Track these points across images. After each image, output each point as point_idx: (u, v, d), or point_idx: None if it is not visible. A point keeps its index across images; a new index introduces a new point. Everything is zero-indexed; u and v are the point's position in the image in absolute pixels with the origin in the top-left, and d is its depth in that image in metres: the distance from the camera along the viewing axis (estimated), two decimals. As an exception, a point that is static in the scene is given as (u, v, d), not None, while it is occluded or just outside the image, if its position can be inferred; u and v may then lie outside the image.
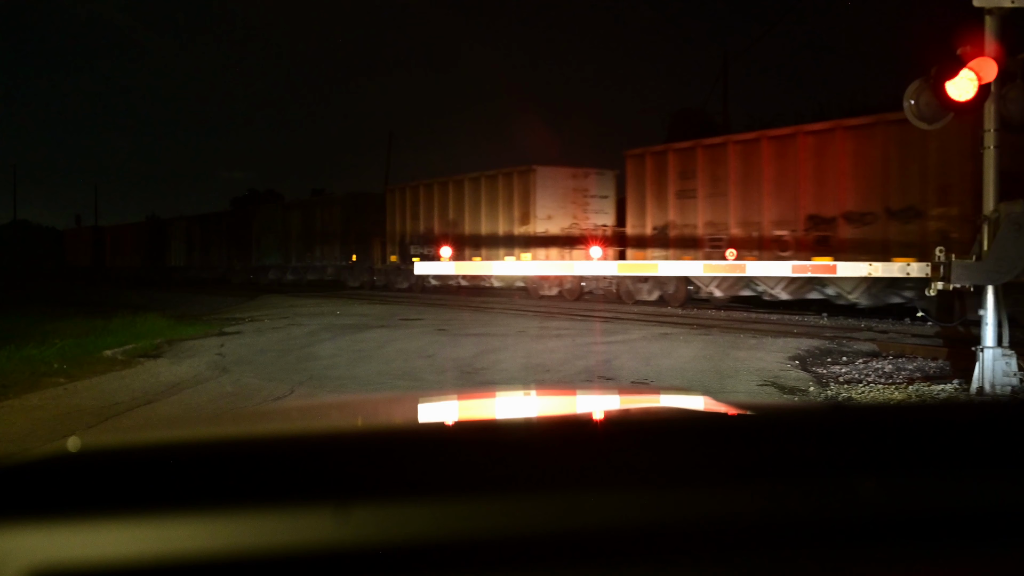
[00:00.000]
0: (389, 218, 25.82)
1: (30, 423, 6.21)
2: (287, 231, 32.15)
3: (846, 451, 0.92)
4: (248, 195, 50.73)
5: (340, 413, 1.77)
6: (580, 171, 21.21)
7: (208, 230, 38.36)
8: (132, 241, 45.61)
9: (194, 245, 39.43)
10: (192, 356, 10.11)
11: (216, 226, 37.89)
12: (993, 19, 6.61)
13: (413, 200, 24.73)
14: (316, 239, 30.36)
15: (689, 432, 1.06)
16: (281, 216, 32.89)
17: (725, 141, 16.72)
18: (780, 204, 15.35)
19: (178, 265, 40.34)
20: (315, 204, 31.39)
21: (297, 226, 31.61)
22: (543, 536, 0.76)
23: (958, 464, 0.88)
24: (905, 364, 8.93)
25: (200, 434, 1.34)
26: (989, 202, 6.81)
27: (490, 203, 21.95)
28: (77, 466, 0.87)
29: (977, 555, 0.78)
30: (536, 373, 8.87)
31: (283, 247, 32.35)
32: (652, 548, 0.76)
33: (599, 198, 21.17)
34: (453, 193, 23.17)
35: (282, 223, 32.55)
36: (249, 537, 0.73)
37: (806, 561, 0.77)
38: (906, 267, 7.52)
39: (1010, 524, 0.81)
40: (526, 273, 20.73)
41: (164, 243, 41.79)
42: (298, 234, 31.56)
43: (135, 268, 43.81)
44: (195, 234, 39.46)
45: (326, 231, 29.85)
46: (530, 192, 20.80)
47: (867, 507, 0.80)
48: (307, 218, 31.07)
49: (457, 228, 22.91)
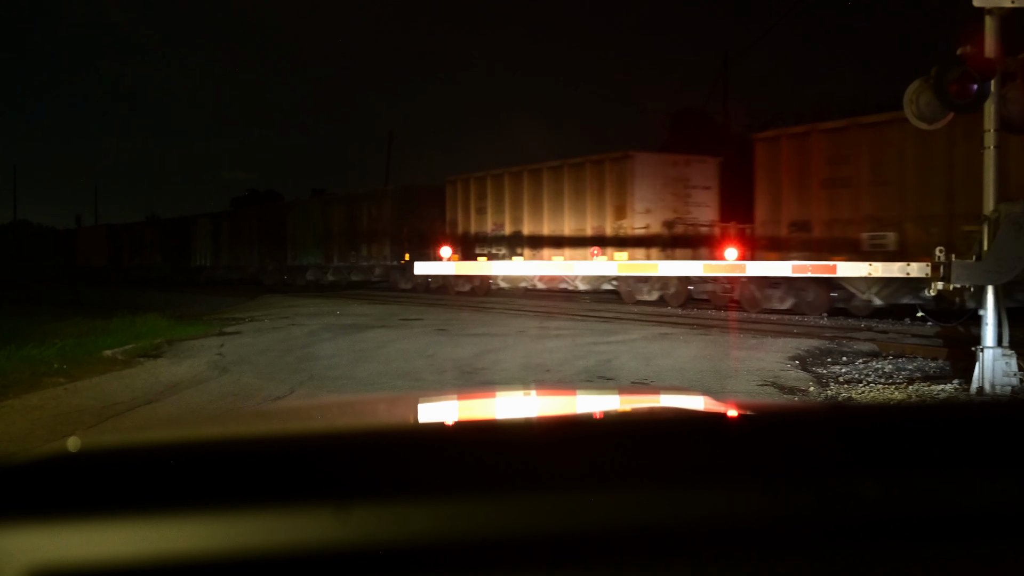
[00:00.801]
0: (450, 213, 22.99)
1: (30, 423, 6.21)
2: (328, 228, 29.22)
3: (846, 451, 0.92)
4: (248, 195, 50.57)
5: (340, 413, 1.77)
6: (680, 158, 18.73)
7: (236, 228, 35.48)
8: (152, 240, 42.85)
9: (221, 244, 36.45)
10: (192, 356, 10.11)
11: (245, 223, 35.05)
12: (993, 19, 6.62)
13: (479, 192, 21.94)
14: (362, 236, 27.38)
15: (689, 432, 1.06)
16: (321, 211, 29.96)
17: (892, 118, 12.99)
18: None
19: (203, 265, 37.56)
20: (361, 198, 28.18)
21: (340, 222, 28.64)
22: (543, 536, 0.76)
23: (958, 464, 0.88)
24: (905, 364, 8.94)
25: (200, 434, 1.34)
26: (989, 202, 6.81)
27: (575, 195, 19.27)
28: (77, 466, 0.87)
29: (977, 555, 0.78)
30: (536, 373, 8.87)
31: (323, 245, 29.41)
32: (652, 548, 0.76)
33: (701, 189, 18.51)
34: (529, 184, 20.54)
35: (322, 219, 29.64)
36: (249, 537, 0.73)
37: (806, 561, 0.77)
38: (906, 267, 7.51)
39: (1010, 524, 0.81)
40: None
41: (187, 242, 38.93)
42: (341, 231, 28.60)
43: (155, 268, 41.50)
44: (222, 232, 36.47)
45: (374, 228, 26.92)
46: (626, 182, 18.10)
47: (867, 507, 0.80)
48: (352, 213, 28.08)
49: (534, 224, 20.35)
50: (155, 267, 41.69)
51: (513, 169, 21.08)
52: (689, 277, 16.65)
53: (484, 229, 21.70)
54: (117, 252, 45.53)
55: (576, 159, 19.57)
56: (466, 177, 22.60)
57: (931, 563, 0.78)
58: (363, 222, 27.58)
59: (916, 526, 0.80)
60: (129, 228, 46.45)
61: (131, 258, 44.45)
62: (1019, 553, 0.79)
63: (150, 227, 44.36)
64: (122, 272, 43.82)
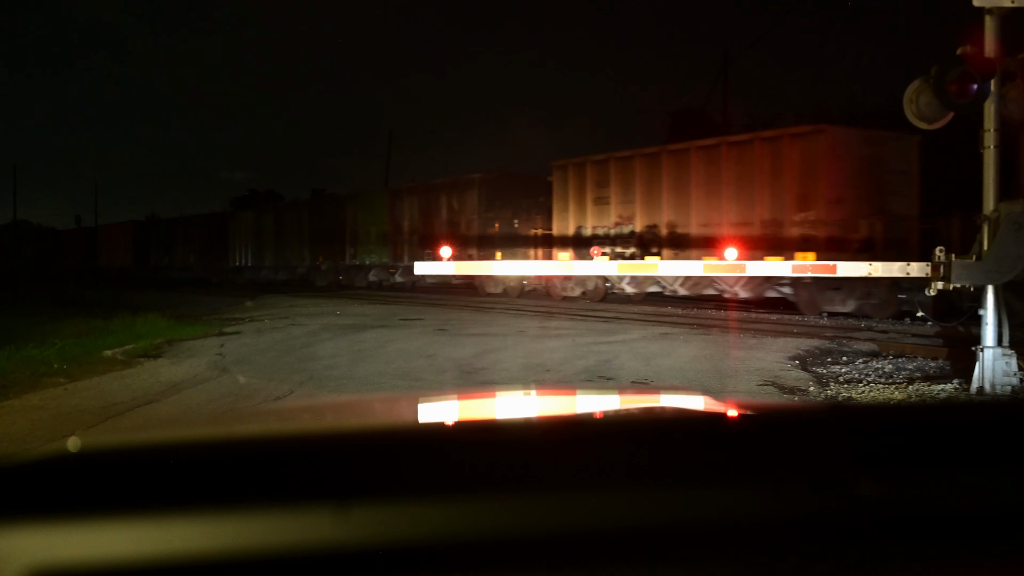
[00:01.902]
0: (557, 203, 19.39)
1: (30, 423, 6.21)
2: (397, 222, 25.81)
3: (846, 451, 0.92)
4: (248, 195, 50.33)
5: (340, 413, 1.77)
6: (875, 134, 14.91)
7: (283, 223, 31.86)
8: (183, 237, 39.47)
9: (264, 241, 32.88)
10: (192, 356, 10.11)
11: (294, 218, 31.33)
12: (993, 19, 6.62)
13: (599, 179, 18.25)
14: (441, 232, 23.45)
15: (689, 432, 1.06)
16: (389, 203, 26.37)
17: None
18: None
19: (242, 264, 34.12)
20: (439, 188, 24.42)
21: (413, 215, 25.23)
22: (543, 536, 0.76)
23: (958, 464, 0.88)
24: (905, 364, 8.93)
25: (200, 434, 1.34)
26: (989, 202, 6.81)
27: (740, 181, 15.45)
28: (77, 466, 0.87)
29: (977, 555, 0.78)
30: (536, 373, 8.87)
31: (392, 242, 25.86)
32: (652, 548, 0.76)
33: (898, 174, 14.72)
34: (670, 168, 16.74)
35: (390, 212, 26.21)
36: (249, 537, 0.73)
37: (806, 561, 0.77)
38: (906, 267, 7.51)
39: (1010, 524, 0.81)
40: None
41: (223, 239, 35.43)
42: (413, 225, 25.15)
43: (187, 268, 38.46)
44: (265, 228, 32.96)
45: (456, 221, 23.44)
46: (815, 164, 14.41)
47: (867, 507, 0.80)
48: (428, 206, 24.65)
49: (677, 216, 16.63)
50: (187, 267, 38.70)
51: (647, 151, 17.59)
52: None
53: (604, 223, 18.19)
54: (143, 251, 42.60)
55: (741, 136, 16.51)
56: (580, 161, 18.85)
57: (931, 563, 0.78)
58: (441, 215, 24.13)
59: (916, 526, 0.80)
60: (157, 225, 43.36)
61: (159, 257, 41.49)
62: (1019, 553, 0.79)
63: (181, 224, 40.69)
64: (149, 272, 41.09)
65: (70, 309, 17.29)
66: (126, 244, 44.11)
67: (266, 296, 23.77)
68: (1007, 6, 6.58)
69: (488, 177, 23.22)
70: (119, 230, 46.22)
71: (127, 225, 45.84)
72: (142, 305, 16.87)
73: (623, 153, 18.12)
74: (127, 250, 43.87)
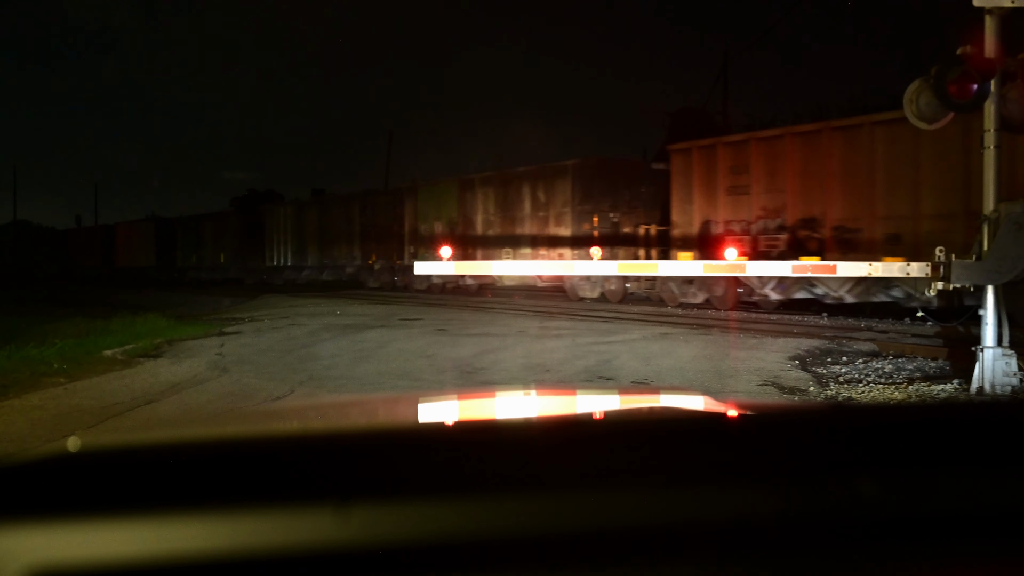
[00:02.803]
0: (678, 195, 16.60)
1: (30, 423, 6.21)
2: (469, 218, 22.85)
3: (846, 451, 0.92)
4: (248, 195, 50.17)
5: (340, 413, 1.77)
6: None
7: (329, 218, 28.82)
8: (212, 235, 36.49)
9: (306, 238, 30.00)
10: (192, 356, 10.11)
11: (342, 212, 28.34)
12: (993, 19, 6.62)
13: (733, 164, 15.38)
14: (523, 228, 20.79)
15: (689, 432, 1.06)
16: (457, 196, 23.21)
17: None
18: None
19: (281, 264, 31.50)
20: (525, 177, 21.08)
21: (488, 210, 22.16)
22: (543, 536, 0.76)
23: (958, 464, 0.88)
24: (905, 364, 8.94)
25: (200, 434, 1.34)
26: (989, 202, 6.81)
27: (936, 160, 12.31)
28: (77, 466, 0.87)
29: (977, 555, 0.78)
30: (536, 373, 8.87)
31: (461, 240, 22.48)
32: (652, 548, 0.76)
33: None
34: (842, 147, 13.74)
35: (459, 204, 23.16)
36: (249, 537, 0.73)
37: (806, 561, 0.77)
38: (906, 267, 7.51)
39: (1010, 524, 0.81)
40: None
41: (259, 237, 32.51)
42: (489, 220, 22.08)
43: (217, 268, 35.52)
44: (308, 224, 29.81)
45: (543, 216, 20.38)
46: None
47: (868, 507, 0.80)
48: (507, 197, 21.48)
49: (850, 209, 13.69)
50: (217, 267, 35.78)
51: (802, 128, 14.79)
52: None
53: (742, 216, 15.40)
54: (167, 250, 39.59)
55: None
56: (709, 144, 16.09)
57: (931, 563, 0.78)
58: (523, 208, 21.00)
59: (916, 526, 0.80)
60: (183, 222, 40.23)
61: (186, 256, 38.51)
62: (1019, 553, 0.79)
63: (210, 220, 37.69)
64: (174, 273, 38.37)
65: (70, 309, 17.30)
66: (147, 243, 41.26)
67: (266, 296, 23.76)
68: (1007, 6, 6.58)
69: (584, 164, 19.76)
70: (140, 228, 43.25)
71: (148, 222, 42.67)
72: (142, 305, 16.87)
73: (768, 132, 15.37)
74: (149, 249, 41.09)
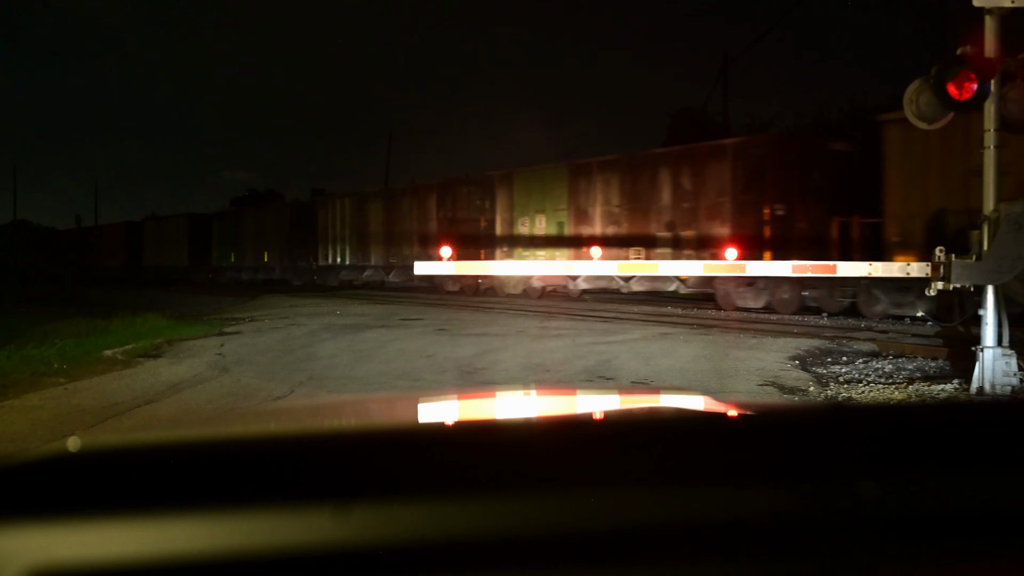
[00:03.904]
0: (893, 175, 13.61)
1: (30, 423, 6.21)
2: (583, 210, 19.27)
3: (846, 451, 0.92)
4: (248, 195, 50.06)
5: (340, 413, 1.77)
6: None
7: (397, 212, 25.40)
8: (256, 231, 33.25)
9: (370, 235, 26.53)
10: (192, 356, 10.11)
11: (414, 205, 24.85)
12: (993, 19, 6.62)
13: (938, 147, 12.36)
14: (663, 223, 17.54)
15: (689, 432, 1.06)
16: (568, 184, 19.58)
17: None
18: None
19: (336, 263, 28.23)
20: (664, 161, 17.76)
21: (610, 200, 18.67)
22: (543, 536, 0.76)
23: (958, 464, 0.88)
24: (905, 364, 8.94)
25: (200, 434, 1.34)
26: (989, 202, 6.81)
27: None
28: (77, 466, 0.87)
29: (977, 555, 0.78)
30: (536, 373, 8.87)
31: (573, 239, 19.36)
32: (652, 548, 0.76)
33: None
34: None
35: (570, 197, 19.49)
36: (249, 537, 0.73)
37: (806, 561, 0.77)
38: (906, 267, 7.51)
39: (1010, 524, 0.81)
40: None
41: (311, 232, 29.26)
42: (611, 213, 18.70)
43: (260, 268, 32.87)
44: (372, 219, 26.43)
45: (689, 208, 17.04)
46: None
47: (867, 507, 0.80)
48: (638, 184, 18.08)
49: None
50: (260, 266, 32.90)
51: None
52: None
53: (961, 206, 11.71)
54: (202, 248, 36.62)
55: None
56: None
57: (931, 563, 0.78)
58: (661, 197, 17.64)
59: (916, 526, 0.80)
60: (221, 217, 37.54)
61: (222, 255, 35.59)
62: (1019, 553, 0.79)
63: (252, 214, 34.75)
64: (209, 273, 35.75)
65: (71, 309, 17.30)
66: (179, 240, 38.25)
67: (266, 296, 23.76)
68: (1007, 6, 6.58)
69: (749, 143, 16.80)
70: (170, 225, 40.28)
71: (181, 218, 39.37)
72: (142, 305, 16.87)
73: None
74: (180, 247, 38.05)
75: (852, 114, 24.20)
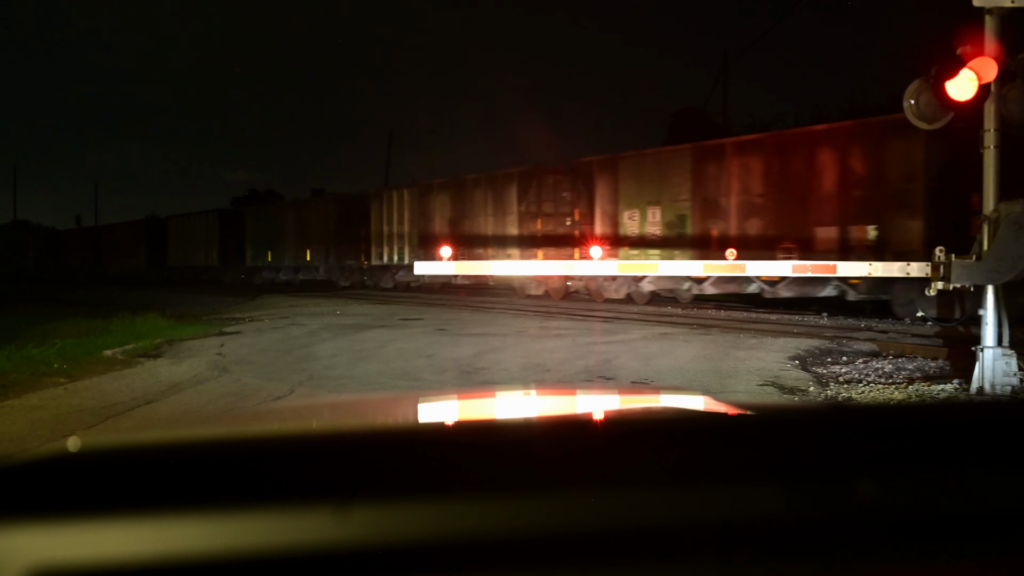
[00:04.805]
0: None
1: (30, 423, 6.21)
2: (712, 200, 16.35)
3: (846, 451, 0.92)
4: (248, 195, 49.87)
5: (340, 413, 1.77)
6: None
7: (473, 205, 22.29)
8: (296, 227, 30.16)
9: (434, 231, 23.29)
10: (192, 356, 10.10)
11: (492, 196, 21.69)
12: (993, 19, 6.61)
13: None
14: (823, 214, 14.49)
15: (689, 432, 1.06)
16: (691, 169, 16.54)
17: None
18: None
19: (390, 262, 25.13)
20: (821, 139, 14.90)
21: (751, 188, 15.75)
22: (543, 536, 0.76)
23: (958, 464, 0.88)
24: (905, 364, 8.93)
25: (200, 434, 1.34)
26: (989, 202, 6.81)
27: None
28: (77, 466, 0.87)
29: (977, 555, 0.78)
30: (536, 373, 8.87)
31: (695, 239, 16.49)
32: (652, 548, 0.76)
33: None
34: None
35: (693, 184, 16.48)
36: (249, 537, 0.73)
37: (806, 561, 0.77)
38: (906, 267, 7.51)
39: (1010, 524, 0.81)
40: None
41: (363, 228, 26.14)
42: (750, 204, 15.78)
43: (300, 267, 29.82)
44: (436, 212, 23.45)
45: (860, 196, 14.02)
46: None
47: (867, 507, 0.80)
48: (788, 168, 15.23)
49: None
50: (300, 266, 30.02)
51: None
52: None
53: None
54: (233, 246, 33.34)
55: None
56: None
57: (931, 563, 0.78)
58: (819, 184, 14.61)
59: (916, 526, 0.80)
60: (255, 213, 33.91)
61: (257, 254, 32.37)
62: (1019, 553, 0.79)
63: (293, 209, 31.51)
64: (240, 273, 32.50)
65: (70, 309, 17.30)
66: (207, 238, 35.25)
67: (265, 296, 23.73)
68: (1007, 6, 6.58)
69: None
70: (198, 221, 36.92)
71: (210, 214, 36.31)
72: (142, 305, 16.87)
73: None
74: (209, 246, 35.08)
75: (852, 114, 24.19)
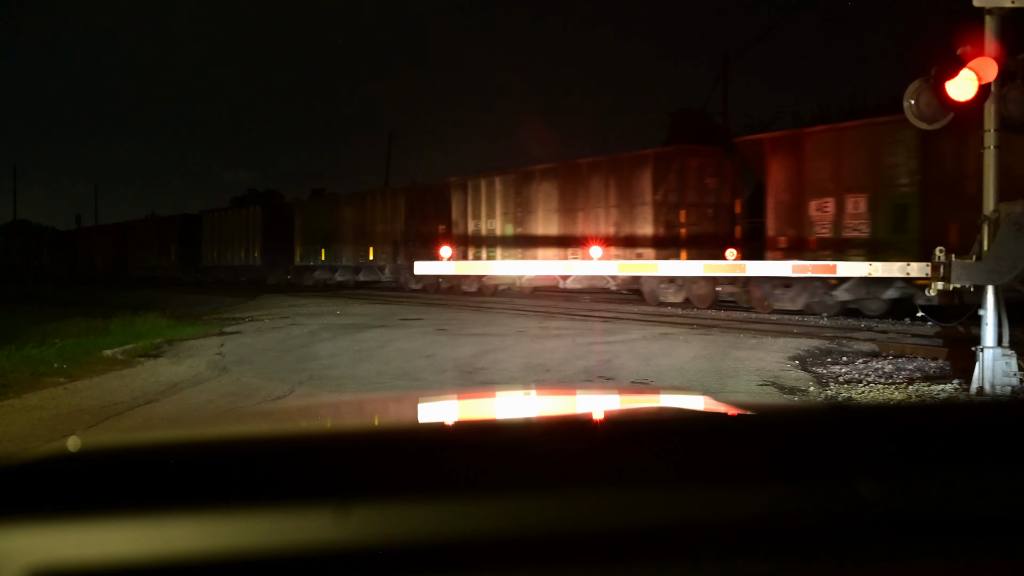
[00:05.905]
0: None
1: (30, 423, 6.21)
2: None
3: (846, 451, 0.92)
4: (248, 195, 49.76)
5: (340, 413, 1.77)
6: None
7: (574, 193, 19.16)
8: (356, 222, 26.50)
9: (535, 224, 20.04)
10: (192, 356, 10.10)
11: (592, 183, 18.69)
12: (993, 19, 6.61)
13: None
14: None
15: (689, 432, 1.06)
16: (917, 142, 12.55)
17: None
18: None
19: None
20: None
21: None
22: (543, 536, 0.76)
23: (958, 464, 0.88)
24: (905, 364, 8.93)
25: (200, 434, 1.34)
26: (989, 202, 6.81)
27: None
28: (77, 466, 0.87)
29: (977, 555, 0.78)
30: (536, 373, 8.87)
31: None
32: (652, 548, 0.76)
33: None
34: None
35: (920, 162, 12.76)
36: (249, 537, 0.73)
37: (806, 561, 0.77)
38: (906, 267, 7.51)
39: (1010, 524, 0.81)
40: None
41: (439, 222, 23.08)
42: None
43: (365, 266, 26.41)
44: (535, 202, 20.03)
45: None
46: None
47: (868, 507, 0.80)
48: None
49: None
50: (362, 266, 26.55)
51: None
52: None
53: None
54: (280, 243, 29.97)
55: None
56: None
57: (931, 563, 0.78)
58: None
59: (916, 526, 0.80)
60: (305, 207, 29.94)
61: (308, 252, 28.80)
62: (1019, 553, 0.79)
63: (351, 202, 27.31)
64: (287, 273, 29.46)
65: (70, 309, 17.30)
66: (248, 235, 31.80)
67: (266, 296, 23.72)
68: (1007, 6, 6.58)
69: None
70: (237, 218, 33.32)
71: (253, 209, 32.73)
72: (142, 305, 16.87)
73: None
74: (251, 243, 31.71)
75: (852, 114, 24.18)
